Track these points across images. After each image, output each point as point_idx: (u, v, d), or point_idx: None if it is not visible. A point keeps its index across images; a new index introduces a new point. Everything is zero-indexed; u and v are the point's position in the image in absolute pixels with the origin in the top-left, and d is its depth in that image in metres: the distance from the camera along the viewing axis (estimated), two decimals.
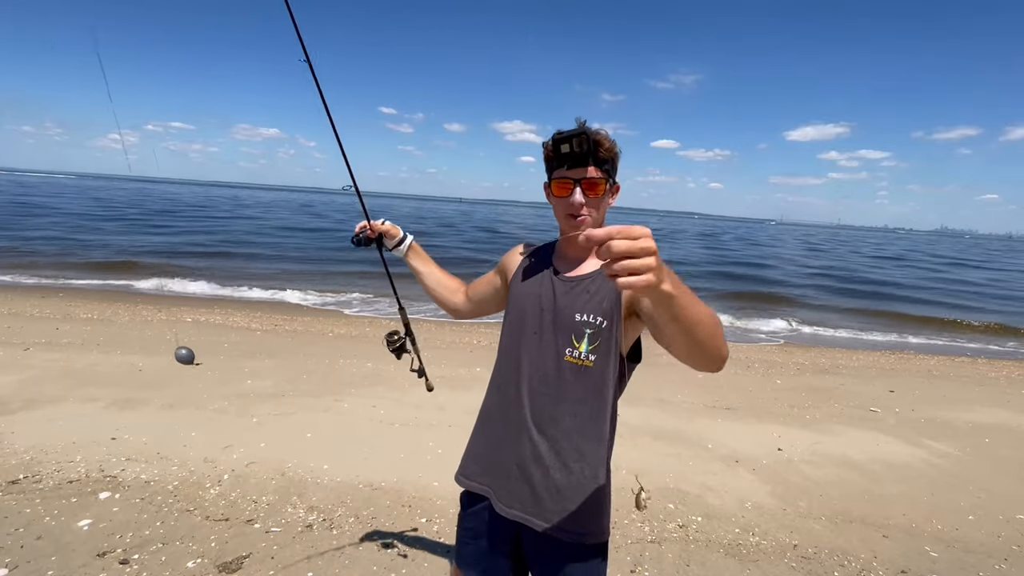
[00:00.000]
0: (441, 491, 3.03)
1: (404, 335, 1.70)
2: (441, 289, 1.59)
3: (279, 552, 2.40)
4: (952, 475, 3.71)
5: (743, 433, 4.25)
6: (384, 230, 1.60)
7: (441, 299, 1.60)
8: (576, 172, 1.19)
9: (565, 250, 1.31)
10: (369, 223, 1.60)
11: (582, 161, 1.17)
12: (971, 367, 7.62)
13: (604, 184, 1.20)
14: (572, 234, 1.25)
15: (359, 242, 1.60)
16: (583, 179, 1.18)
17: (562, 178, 1.20)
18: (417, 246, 1.63)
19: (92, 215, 26.45)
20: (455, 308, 1.59)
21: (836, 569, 2.58)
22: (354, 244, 1.60)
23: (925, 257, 39.84)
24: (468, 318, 1.59)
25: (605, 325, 1.18)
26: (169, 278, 11.37)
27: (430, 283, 1.60)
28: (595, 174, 1.19)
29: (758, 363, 6.84)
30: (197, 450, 3.32)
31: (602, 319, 1.19)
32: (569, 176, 1.19)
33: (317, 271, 14.48)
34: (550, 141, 1.20)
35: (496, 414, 1.33)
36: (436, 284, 1.59)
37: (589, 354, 1.19)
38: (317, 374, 5.04)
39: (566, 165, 1.19)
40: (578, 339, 1.20)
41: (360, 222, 1.62)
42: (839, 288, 17.72)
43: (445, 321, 8.63)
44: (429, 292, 1.61)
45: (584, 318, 1.20)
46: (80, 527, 2.47)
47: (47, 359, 4.87)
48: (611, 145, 1.19)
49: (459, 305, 1.58)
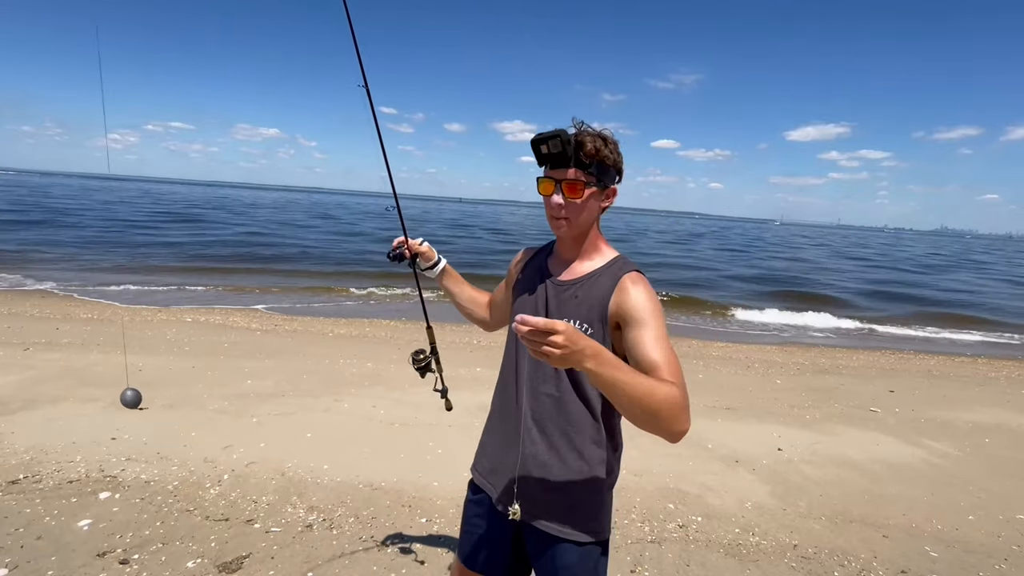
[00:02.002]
0: (441, 491, 3.02)
1: (430, 354, 1.70)
2: (473, 306, 1.61)
3: (279, 552, 2.40)
4: (952, 475, 3.71)
5: (743, 433, 4.25)
6: (421, 251, 1.60)
7: (473, 316, 1.62)
8: (557, 173, 1.18)
9: (561, 252, 1.31)
10: (407, 241, 1.61)
11: (562, 162, 1.16)
12: (971, 367, 7.62)
13: (583, 186, 1.17)
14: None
15: (395, 258, 1.62)
16: (563, 180, 1.17)
17: (545, 178, 1.20)
18: (450, 268, 1.64)
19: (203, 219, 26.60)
20: (485, 322, 1.62)
21: (836, 569, 2.58)
22: (389, 259, 1.63)
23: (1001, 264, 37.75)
24: (497, 328, 1.61)
25: (590, 332, 1.18)
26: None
27: (463, 302, 1.63)
28: (575, 176, 1.16)
29: (758, 363, 6.84)
30: (197, 450, 3.32)
31: (587, 326, 1.19)
32: (551, 176, 1.19)
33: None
34: (532, 140, 1.20)
35: (500, 412, 1.36)
36: (469, 302, 1.62)
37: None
38: (317, 374, 5.04)
39: (548, 165, 1.19)
40: None
41: (398, 237, 1.63)
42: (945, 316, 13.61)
43: (445, 322, 8.62)
44: (462, 311, 1.64)
45: (572, 323, 1.20)
46: (80, 527, 2.46)
47: (47, 359, 4.87)
48: (597, 148, 1.15)
49: (487, 318, 1.61)
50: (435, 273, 1.61)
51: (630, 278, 1.18)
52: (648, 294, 1.16)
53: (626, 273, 1.19)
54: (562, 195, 1.18)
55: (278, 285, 11.81)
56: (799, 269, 24.57)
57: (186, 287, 10.82)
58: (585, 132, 1.17)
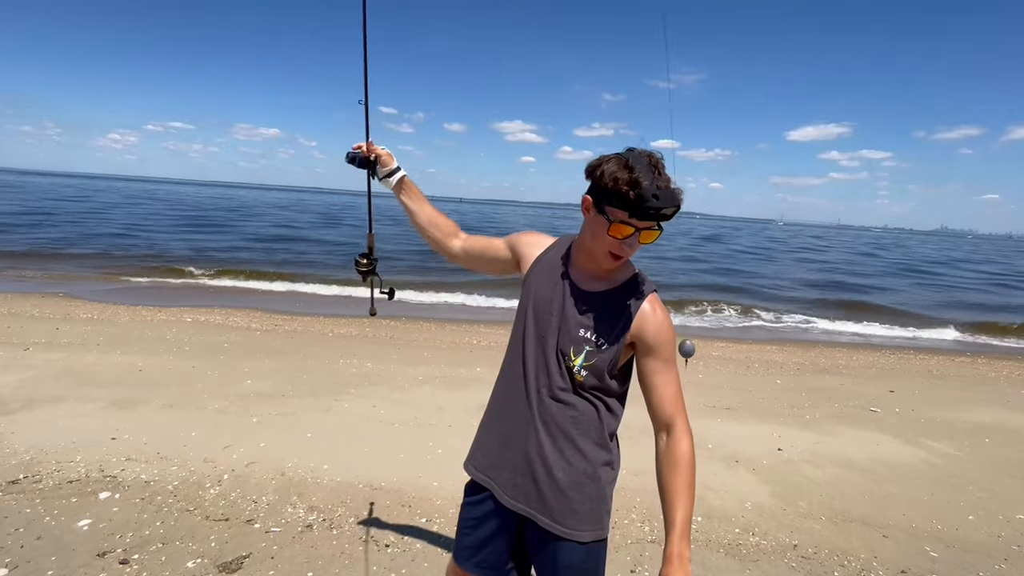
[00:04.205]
0: (441, 491, 3.02)
1: (374, 258, 1.69)
2: (433, 229, 1.53)
3: (279, 552, 2.40)
4: (952, 475, 3.71)
5: (743, 433, 4.25)
6: (378, 152, 1.54)
7: (434, 239, 1.54)
8: (643, 223, 1.12)
9: (584, 263, 1.28)
10: (369, 144, 1.55)
11: (657, 220, 1.12)
12: (971, 367, 7.62)
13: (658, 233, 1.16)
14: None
15: (353, 160, 1.56)
16: (644, 230, 1.13)
17: (625, 223, 1.13)
18: (409, 181, 1.55)
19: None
20: (448, 250, 1.53)
21: (836, 569, 2.58)
22: (347, 161, 1.56)
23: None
24: (460, 265, 1.55)
25: (605, 348, 1.20)
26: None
27: (421, 221, 1.54)
28: (657, 228, 1.14)
29: (758, 363, 6.84)
30: (197, 450, 3.32)
31: (604, 342, 1.21)
32: (632, 224, 1.13)
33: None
34: (631, 189, 1.08)
35: (504, 407, 1.35)
36: (428, 223, 1.53)
37: (582, 369, 1.22)
38: (317, 374, 5.04)
39: (639, 216, 1.11)
40: (576, 352, 1.22)
41: (359, 143, 1.57)
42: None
43: (446, 322, 8.63)
44: (420, 231, 1.56)
45: (586, 335, 1.22)
46: (80, 527, 2.46)
47: (47, 359, 4.87)
48: (680, 203, 1.12)
49: (453, 249, 1.53)
50: (392, 183, 1.54)
51: (650, 301, 1.23)
52: (666, 319, 1.23)
53: (647, 296, 1.23)
54: (636, 242, 1.16)
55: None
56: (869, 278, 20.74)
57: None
58: (679, 191, 1.11)
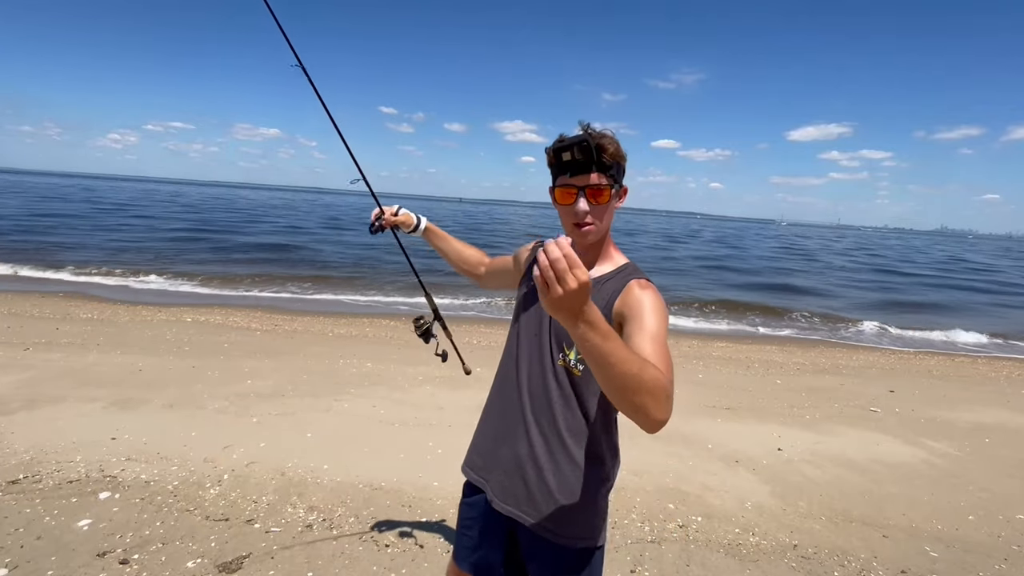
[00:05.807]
0: (441, 491, 3.03)
1: (433, 319, 1.76)
2: (462, 264, 1.69)
3: (279, 552, 2.40)
4: (952, 475, 3.71)
5: (743, 433, 4.25)
6: (397, 221, 1.68)
7: (464, 272, 1.70)
8: (579, 179, 1.14)
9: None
10: (382, 211, 1.67)
11: (585, 168, 1.13)
12: (971, 367, 7.62)
13: (609, 190, 1.16)
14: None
15: (376, 231, 1.69)
16: (587, 186, 1.14)
17: (566, 185, 1.16)
18: (433, 227, 1.72)
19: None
20: (477, 280, 1.69)
21: (836, 569, 2.58)
22: (371, 233, 1.69)
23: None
24: (491, 288, 1.67)
25: None
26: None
27: (452, 259, 1.71)
28: (599, 180, 1.14)
29: (758, 363, 6.84)
30: (197, 450, 3.32)
31: None
32: (572, 183, 1.15)
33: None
34: (551, 148, 1.15)
35: (498, 409, 1.35)
36: (457, 260, 1.70)
37: (578, 363, 1.20)
38: (317, 374, 5.04)
39: (568, 172, 1.15)
40: (568, 347, 1.21)
41: (374, 210, 1.70)
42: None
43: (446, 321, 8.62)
44: (453, 267, 1.72)
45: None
46: (80, 527, 2.46)
47: (47, 359, 4.87)
48: (616, 149, 1.15)
49: (481, 278, 1.67)
50: (418, 235, 1.70)
51: (638, 283, 1.17)
52: (654, 297, 1.14)
53: (635, 279, 1.19)
54: (587, 201, 1.15)
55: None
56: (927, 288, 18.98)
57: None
58: (603, 134, 1.15)
